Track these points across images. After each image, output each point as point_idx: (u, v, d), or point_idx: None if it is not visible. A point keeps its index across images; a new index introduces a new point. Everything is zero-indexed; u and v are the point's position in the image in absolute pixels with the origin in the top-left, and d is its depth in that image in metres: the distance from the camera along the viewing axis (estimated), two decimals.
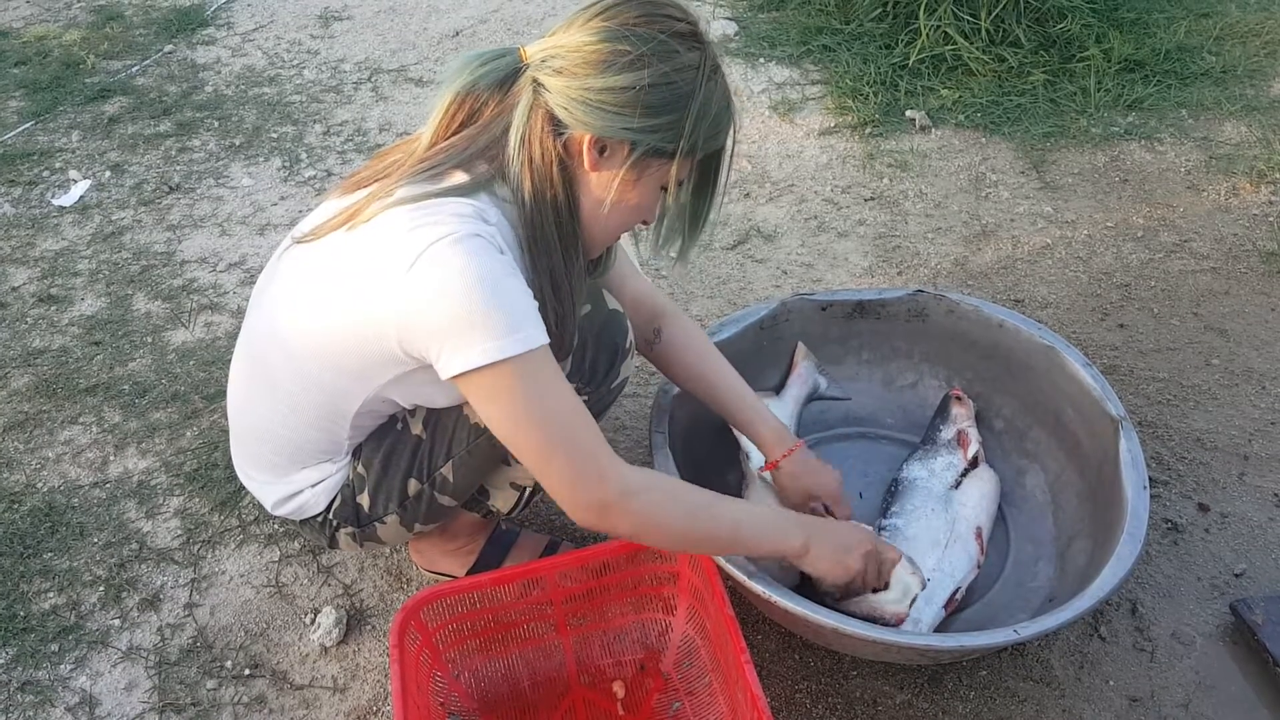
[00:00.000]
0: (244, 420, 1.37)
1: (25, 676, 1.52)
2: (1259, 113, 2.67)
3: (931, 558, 1.48)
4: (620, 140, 1.11)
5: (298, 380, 1.24)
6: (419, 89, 3.00)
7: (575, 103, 1.09)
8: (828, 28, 3.09)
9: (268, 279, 1.32)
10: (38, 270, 2.34)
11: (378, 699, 1.47)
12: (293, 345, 1.22)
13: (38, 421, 1.95)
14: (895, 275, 2.22)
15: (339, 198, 1.23)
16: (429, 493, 1.35)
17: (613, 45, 1.08)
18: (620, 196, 1.15)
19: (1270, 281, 2.15)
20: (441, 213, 1.10)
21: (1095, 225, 2.34)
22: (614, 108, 1.09)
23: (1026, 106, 2.72)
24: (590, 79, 1.08)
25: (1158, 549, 1.63)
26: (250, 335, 1.33)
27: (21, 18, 3.48)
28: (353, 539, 1.41)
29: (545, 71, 1.11)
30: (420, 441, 1.33)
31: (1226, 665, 1.47)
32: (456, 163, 1.15)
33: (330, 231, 1.18)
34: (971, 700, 1.44)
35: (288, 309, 1.23)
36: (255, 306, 1.33)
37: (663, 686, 1.43)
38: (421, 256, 1.06)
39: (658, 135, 1.12)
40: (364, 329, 1.14)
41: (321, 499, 1.36)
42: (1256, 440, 1.80)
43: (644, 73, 1.08)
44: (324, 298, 1.17)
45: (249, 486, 1.43)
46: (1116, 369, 1.95)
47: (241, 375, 1.35)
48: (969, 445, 1.63)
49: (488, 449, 1.31)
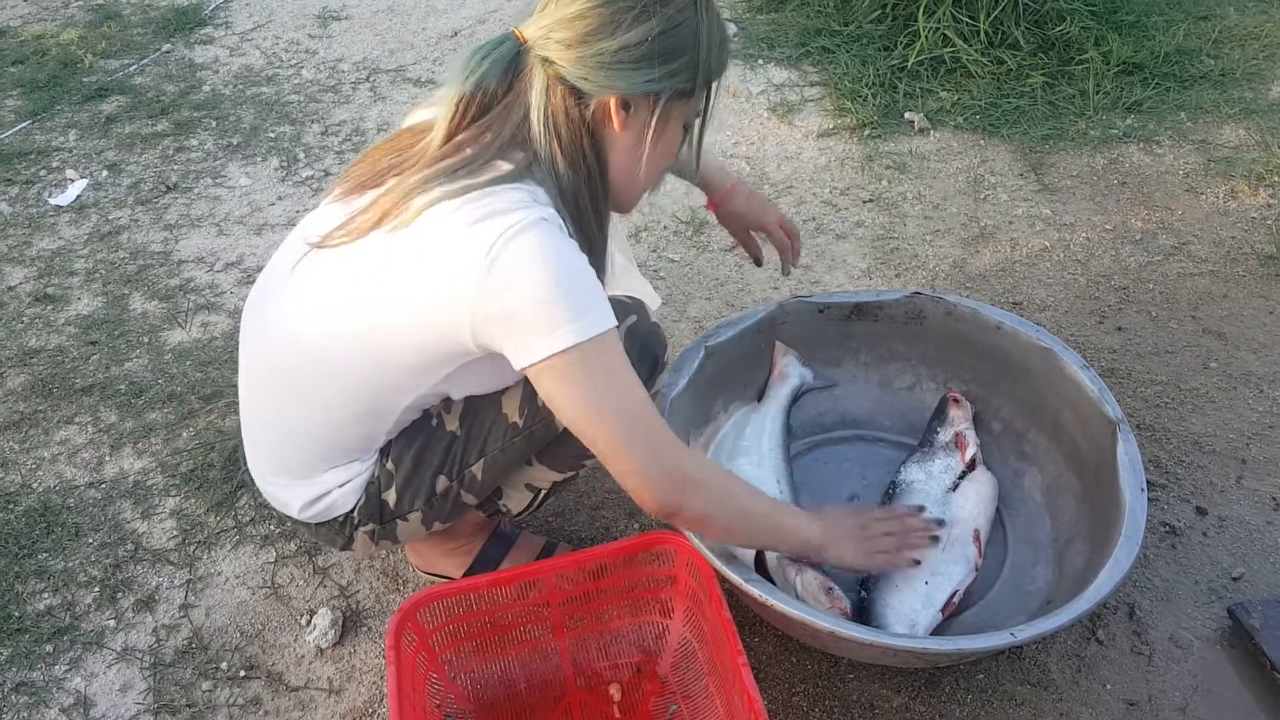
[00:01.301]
0: (269, 431, 1.34)
1: (20, 677, 1.52)
2: (1258, 116, 2.67)
3: (929, 561, 1.48)
4: (645, 94, 1.13)
5: (339, 381, 1.22)
6: (417, 89, 2.99)
7: (594, 70, 1.10)
8: (826, 29, 3.09)
9: (277, 285, 1.29)
10: (34, 269, 2.34)
11: (373, 701, 1.47)
12: (335, 348, 1.20)
13: (33, 421, 1.94)
14: (893, 277, 2.22)
15: (343, 201, 1.22)
16: (456, 490, 1.35)
17: (614, 4, 1.09)
18: (653, 148, 1.18)
19: (1268, 285, 2.15)
20: (501, 201, 1.10)
21: (1094, 228, 2.34)
22: (632, 64, 1.10)
23: (1025, 109, 2.72)
24: (602, 43, 1.09)
25: (1155, 552, 1.62)
26: (266, 344, 1.30)
27: (19, 16, 3.48)
28: (371, 538, 1.39)
29: (552, 47, 1.11)
30: (455, 438, 1.32)
31: (1224, 669, 1.47)
32: (491, 154, 1.14)
33: (362, 234, 1.16)
34: (969, 704, 1.43)
35: (324, 313, 1.21)
36: (262, 314, 1.31)
37: (659, 689, 1.43)
38: (494, 246, 1.06)
39: (678, 78, 1.14)
40: (432, 324, 1.13)
41: (350, 498, 1.34)
42: (1254, 444, 1.80)
43: (651, 23, 1.10)
44: (376, 298, 1.16)
45: (271, 492, 1.40)
46: (1114, 372, 1.95)
47: (262, 386, 1.32)
48: (966, 448, 1.63)
49: (523, 447, 1.33)
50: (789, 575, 1.41)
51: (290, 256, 1.28)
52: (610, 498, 1.74)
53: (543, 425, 1.32)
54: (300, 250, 1.25)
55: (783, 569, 1.42)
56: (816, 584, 1.39)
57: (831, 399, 1.78)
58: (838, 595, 1.38)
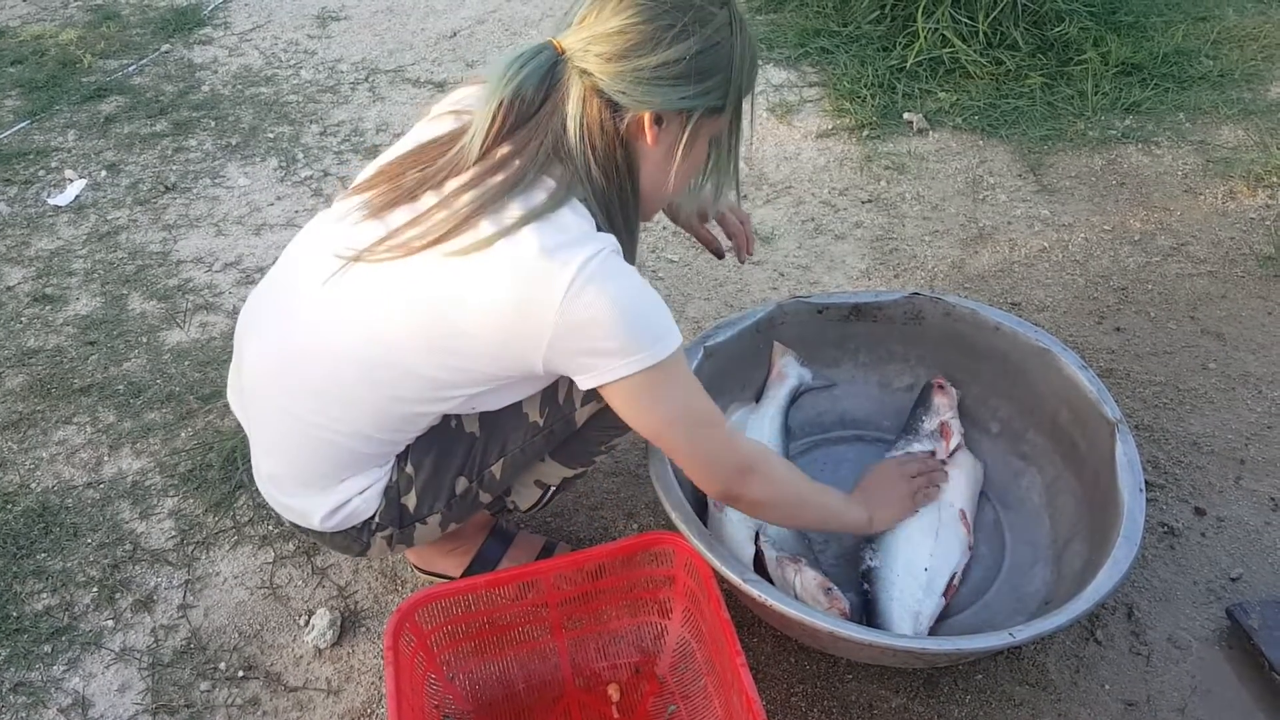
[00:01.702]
0: (288, 444, 1.30)
1: (18, 677, 1.52)
2: (1256, 116, 2.67)
3: (925, 547, 1.48)
4: (678, 110, 1.15)
5: (382, 392, 1.21)
6: (416, 89, 2.99)
7: (632, 85, 1.11)
8: (825, 30, 3.09)
9: (297, 298, 1.25)
10: (33, 269, 2.34)
11: (372, 701, 1.47)
12: (382, 361, 1.19)
13: (32, 421, 1.94)
14: (892, 278, 2.22)
15: (379, 217, 1.19)
16: (475, 490, 1.35)
17: (655, 22, 1.11)
18: (682, 161, 1.20)
19: (1267, 285, 2.15)
20: (570, 230, 1.13)
21: (1092, 228, 2.34)
22: (670, 81, 1.12)
23: (1024, 109, 2.72)
24: (641, 58, 1.10)
25: (1154, 553, 1.62)
26: (289, 357, 1.26)
27: (18, 16, 3.48)
28: (389, 542, 1.37)
29: (591, 60, 1.12)
30: (475, 440, 1.32)
31: (1222, 670, 1.47)
32: (537, 168, 1.15)
33: (413, 251, 1.14)
34: (967, 704, 1.43)
35: (369, 327, 1.19)
36: (269, 327, 1.28)
37: (658, 690, 1.43)
38: (575, 283, 1.09)
39: (710, 96, 1.16)
40: (506, 354, 1.16)
41: (371, 504, 1.32)
42: (1253, 444, 1.80)
43: (690, 42, 1.12)
44: (442, 319, 1.15)
45: (287, 504, 1.35)
46: (1113, 372, 1.95)
47: (283, 400, 1.28)
48: (952, 437, 1.64)
49: (541, 446, 1.35)
50: (788, 575, 1.41)
51: (313, 269, 1.23)
52: (609, 498, 1.74)
53: (562, 423, 1.34)
54: (330, 264, 1.20)
55: (781, 568, 1.42)
56: (815, 584, 1.39)
57: (830, 399, 1.78)
58: (836, 595, 1.38)
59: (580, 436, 1.38)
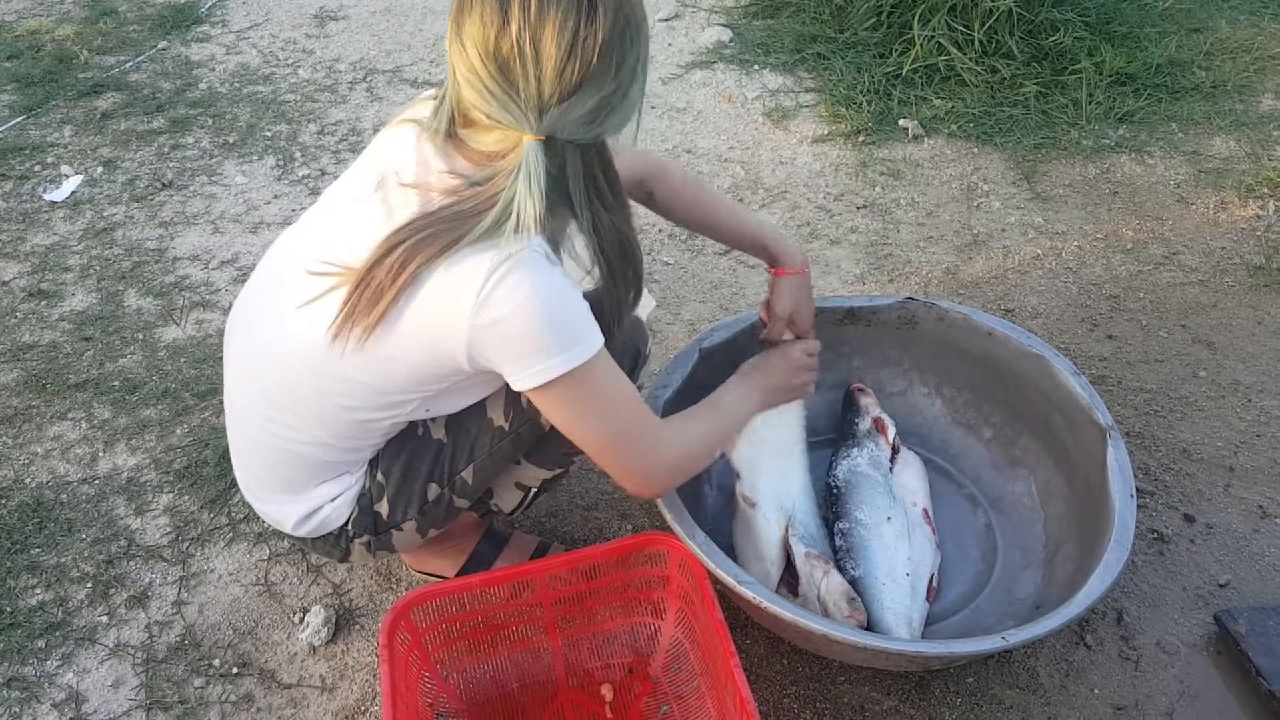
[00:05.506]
0: (259, 447, 1.32)
1: (11, 672, 1.51)
2: (1248, 128, 2.69)
3: (903, 552, 1.50)
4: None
5: (334, 397, 1.23)
6: (414, 89, 3.00)
7: (593, 120, 1.10)
8: (822, 36, 3.10)
9: (268, 303, 1.28)
10: (28, 265, 2.33)
11: (365, 699, 1.47)
12: (330, 367, 1.20)
13: (26, 417, 1.94)
14: (886, 283, 2.23)
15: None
16: (448, 496, 1.36)
17: (595, 62, 1.06)
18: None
19: (1257, 295, 2.17)
20: (501, 232, 1.10)
21: (1085, 237, 2.36)
22: (619, 97, 1.10)
23: (1018, 118, 2.74)
24: (590, 98, 1.08)
25: (1144, 559, 1.64)
26: (256, 360, 1.28)
27: (14, 11, 3.47)
28: (367, 549, 1.39)
29: (564, 134, 1.09)
30: (442, 446, 1.33)
31: (1210, 675, 1.48)
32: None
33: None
34: (958, 707, 1.44)
35: (316, 336, 1.19)
36: (251, 330, 1.30)
37: (651, 690, 1.44)
38: (490, 276, 1.08)
39: (639, 67, 1.13)
40: (428, 351, 1.15)
41: (343, 512, 1.35)
42: (1242, 452, 1.82)
43: (617, 53, 1.08)
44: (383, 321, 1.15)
45: (262, 509, 1.39)
46: (1105, 379, 1.96)
47: (256, 402, 1.29)
48: (887, 429, 1.68)
49: (509, 450, 1.35)
50: (815, 575, 1.43)
51: (284, 278, 1.25)
52: (603, 499, 1.75)
53: (528, 426, 1.34)
54: (300, 277, 1.21)
55: (810, 565, 1.43)
56: (840, 591, 1.40)
57: (824, 404, 1.79)
58: (859, 606, 1.40)
59: (550, 439, 1.36)
